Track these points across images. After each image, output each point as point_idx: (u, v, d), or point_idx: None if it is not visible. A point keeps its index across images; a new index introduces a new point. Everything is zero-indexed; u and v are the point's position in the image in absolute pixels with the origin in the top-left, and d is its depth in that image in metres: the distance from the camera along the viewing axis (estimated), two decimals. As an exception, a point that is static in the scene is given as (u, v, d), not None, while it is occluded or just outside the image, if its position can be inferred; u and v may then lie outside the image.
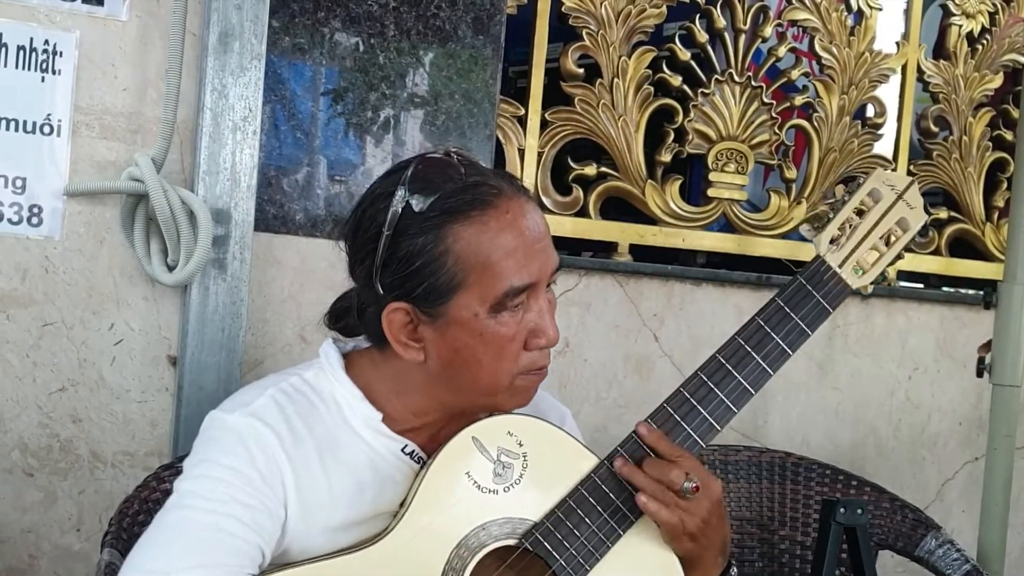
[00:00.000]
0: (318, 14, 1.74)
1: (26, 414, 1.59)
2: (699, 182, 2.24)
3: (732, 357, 1.09)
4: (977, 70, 2.45)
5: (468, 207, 1.02)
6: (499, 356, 1.03)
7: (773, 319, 1.10)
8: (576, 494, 1.04)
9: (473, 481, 1.03)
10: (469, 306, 1.02)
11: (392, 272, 1.03)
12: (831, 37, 2.28)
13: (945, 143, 2.44)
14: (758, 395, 2.27)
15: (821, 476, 1.85)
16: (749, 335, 1.10)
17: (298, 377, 1.09)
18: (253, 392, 1.07)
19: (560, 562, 1.03)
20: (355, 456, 1.06)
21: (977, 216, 2.47)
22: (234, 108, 1.61)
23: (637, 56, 2.09)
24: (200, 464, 1.03)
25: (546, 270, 1.05)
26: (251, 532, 1.00)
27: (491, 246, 1.01)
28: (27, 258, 1.57)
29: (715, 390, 1.08)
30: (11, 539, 1.59)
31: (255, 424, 1.03)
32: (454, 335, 1.03)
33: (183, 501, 1.02)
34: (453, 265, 1.01)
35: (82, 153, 1.58)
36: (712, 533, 1.06)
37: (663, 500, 1.03)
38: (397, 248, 1.02)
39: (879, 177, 1.13)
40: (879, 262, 1.13)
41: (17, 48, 1.54)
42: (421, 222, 1.02)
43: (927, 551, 1.75)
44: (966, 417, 2.39)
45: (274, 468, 1.02)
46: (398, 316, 1.04)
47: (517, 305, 1.03)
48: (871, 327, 2.29)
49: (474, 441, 1.03)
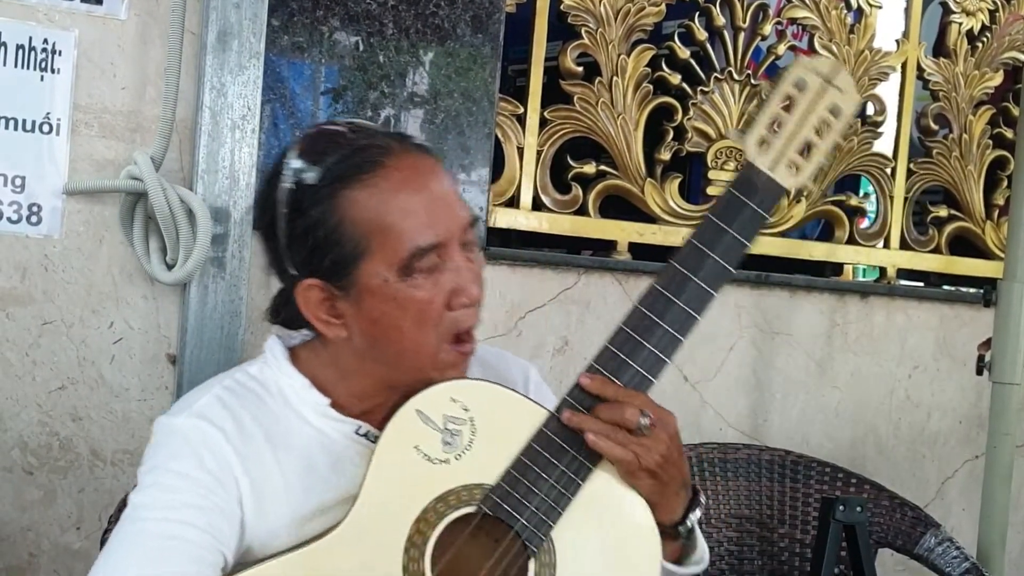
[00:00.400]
0: (317, 12, 1.74)
1: (26, 412, 1.59)
2: (699, 180, 2.24)
3: (671, 284, 1.03)
4: (977, 68, 2.45)
5: (357, 171, 0.99)
6: (420, 320, 1.00)
7: (707, 237, 1.03)
8: (530, 451, 1.01)
9: (423, 454, 1.00)
10: (378, 272, 0.99)
11: (297, 250, 1.01)
12: (831, 35, 2.28)
13: (945, 141, 2.43)
14: (759, 393, 2.28)
15: (820, 474, 1.85)
16: (686, 259, 1.03)
17: (243, 373, 1.07)
18: (198, 393, 1.06)
19: (522, 521, 1.00)
20: (307, 444, 1.04)
21: (977, 214, 2.47)
22: (233, 107, 1.61)
23: (636, 54, 2.09)
24: (150, 473, 1.01)
25: (454, 227, 1.01)
26: (207, 536, 0.98)
27: (386, 207, 0.98)
28: (26, 257, 1.57)
29: (658, 321, 1.02)
30: (11, 537, 1.59)
31: (201, 424, 1.01)
32: (369, 305, 1.00)
33: (136, 514, 1.00)
34: (352, 233, 0.98)
35: (81, 152, 1.58)
36: (672, 467, 1.03)
37: (614, 439, 1.00)
38: (295, 225, 1.00)
39: (802, 65, 1.04)
40: (814, 156, 1.04)
41: (16, 47, 1.54)
42: (313, 194, 0.99)
43: (926, 549, 1.75)
44: (966, 415, 2.39)
45: (224, 466, 1.00)
46: (313, 293, 1.02)
47: (430, 267, 0.99)
48: (871, 325, 2.29)
49: (418, 413, 1.00)
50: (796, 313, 2.22)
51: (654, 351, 1.03)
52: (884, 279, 2.39)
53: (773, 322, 2.20)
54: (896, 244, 2.38)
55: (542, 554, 1.01)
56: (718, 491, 1.80)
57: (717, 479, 1.81)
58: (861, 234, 2.36)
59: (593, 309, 2.03)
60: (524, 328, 1.97)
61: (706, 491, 1.79)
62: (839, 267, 2.41)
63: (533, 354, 1.98)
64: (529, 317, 1.98)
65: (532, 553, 1.01)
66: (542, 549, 1.01)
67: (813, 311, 2.24)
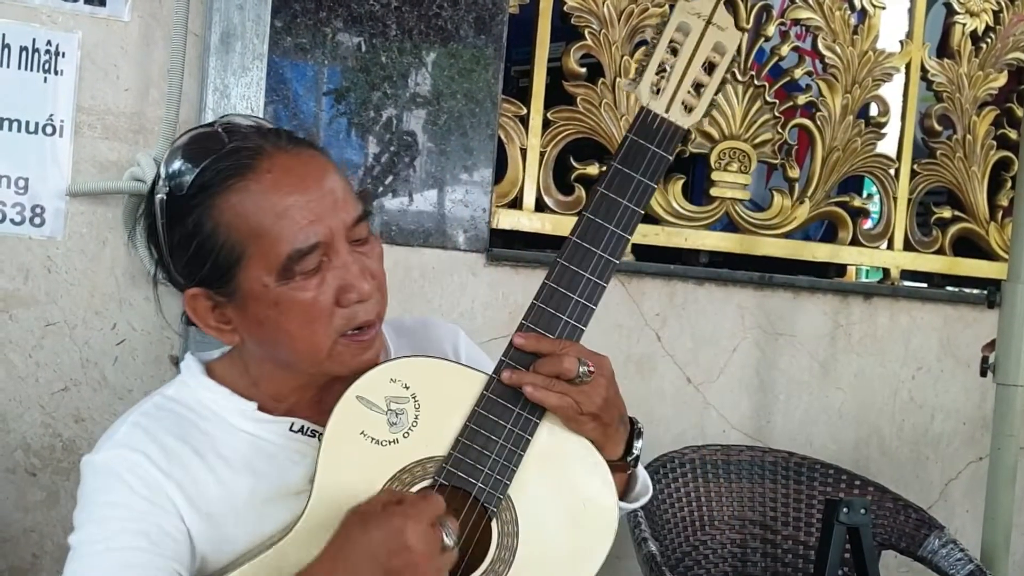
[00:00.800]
0: (320, 14, 1.74)
1: (29, 414, 1.59)
2: (702, 181, 2.24)
3: (587, 234, 1.05)
4: (981, 69, 2.44)
5: (226, 175, 0.97)
6: (307, 321, 0.98)
7: (615, 184, 1.06)
8: (475, 416, 1.02)
9: (371, 439, 1.01)
10: (257, 277, 0.97)
11: (177, 259, 1.00)
12: (834, 36, 2.27)
13: (949, 142, 2.43)
14: (762, 394, 2.27)
15: (824, 476, 1.85)
16: (597, 207, 1.06)
17: (160, 396, 1.07)
18: (116, 426, 1.05)
19: (478, 485, 1.01)
20: (241, 451, 1.03)
21: (981, 215, 2.46)
22: (236, 108, 1.61)
23: (639, 55, 2.08)
24: (83, 511, 1.00)
25: (336, 225, 0.98)
26: (155, 556, 0.97)
27: (259, 211, 0.96)
28: (30, 258, 1.57)
29: (578, 271, 1.05)
30: (14, 538, 1.59)
31: (122, 453, 1.00)
32: (253, 310, 0.99)
33: (77, 552, 0.98)
34: (227, 239, 0.97)
35: (84, 153, 1.58)
36: (611, 408, 1.05)
37: (555, 389, 1.02)
38: (173, 234, 0.99)
39: (683, 8, 1.08)
40: (705, 93, 1.08)
41: (20, 49, 1.54)
42: (185, 203, 0.98)
43: (930, 551, 1.75)
44: (970, 417, 2.38)
45: (155, 488, 0.99)
46: (199, 302, 1.01)
47: (312, 268, 0.98)
48: (874, 327, 2.29)
49: (359, 400, 1.01)
50: (799, 314, 2.22)
51: (580, 300, 1.05)
52: (888, 280, 2.39)
53: (776, 323, 2.20)
54: (900, 245, 2.38)
55: (502, 512, 1.03)
56: (721, 493, 1.80)
57: (720, 481, 1.81)
58: (865, 235, 2.36)
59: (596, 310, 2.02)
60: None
61: (709, 493, 1.79)
62: (842, 268, 2.41)
63: (536, 355, 1.97)
64: (532, 318, 1.97)
65: (492, 514, 1.02)
66: (501, 508, 1.03)
67: (816, 312, 2.23)
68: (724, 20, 1.09)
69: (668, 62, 1.08)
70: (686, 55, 1.08)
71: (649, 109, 1.08)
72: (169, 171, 0.99)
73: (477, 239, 1.90)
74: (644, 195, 1.07)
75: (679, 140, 1.09)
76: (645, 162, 1.07)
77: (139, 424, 1.03)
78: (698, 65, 1.08)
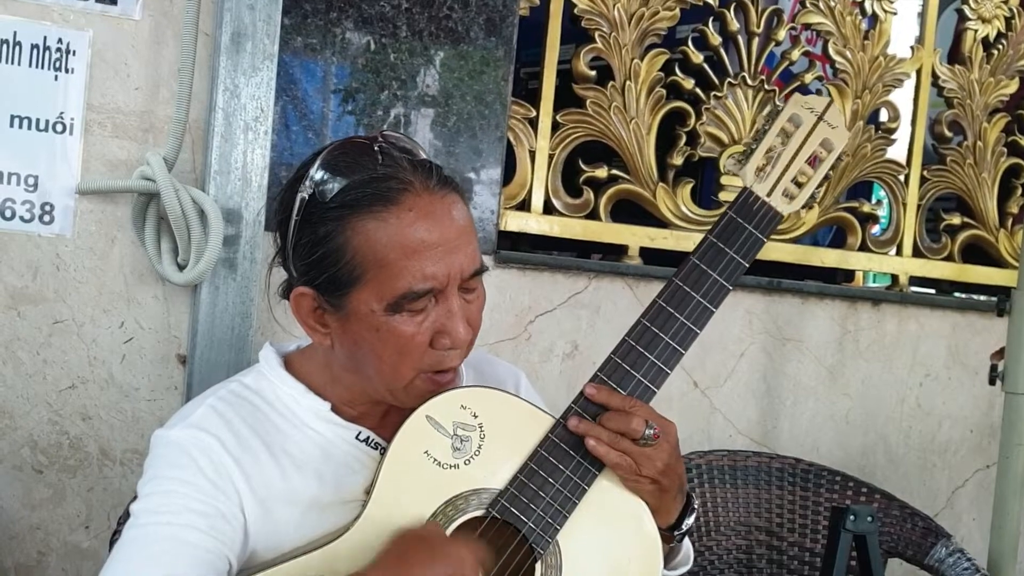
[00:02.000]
0: (330, 14, 1.74)
1: (36, 411, 1.59)
2: (711, 185, 2.23)
3: (672, 299, 1.09)
4: (992, 75, 2.43)
5: (370, 201, 1.00)
6: (400, 353, 1.02)
7: (708, 256, 1.10)
8: (536, 456, 1.05)
9: (433, 459, 1.03)
10: (367, 301, 1.01)
11: (299, 257, 1.03)
12: (845, 41, 2.27)
13: (959, 148, 2.42)
14: (769, 400, 2.26)
15: (831, 483, 1.84)
16: (686, 276, 1.10)
17: (238, 383, 1.10)
18: (192, 405, 1.08)
19: (529, 524, 1.03)
20: (308, 449, 1.06)
21: (991, 222, 2.45)
22: (246, 108, 1.61)
23: (649, 58, 2.08)
24: (150, 482, 1.03)
25: (455, 273, 1.01)
26: (210, 539, 0.99)
27: (390, 244, 0.99)
28: (38, 256, 1.57)
29: (659, 334, 1.08)
30: (20, 536, 1.59)
31: (197, 434, 1.03)
32: (354, 327, 1.02)
33: (138, 521, 1.01)
34: (352, 259, 1.00)
35: (94, 152, 1.58)
36: (672, 475, 1.07)
37: (619, 447, 1.03)
38: (303, 234, 1.02)
39: (797, 101, 1.14)
40: (807, 185, 1.13)
41: (31, 47, 1.54)
42: (324, 211, 1.01)
43: (937, 560, 1.74)
44: (977, 425, 2.37)
45: (223, 473, 1.02)
46: (305, 301, 1.05)
47: (420, 308, 1.01)
48: (882, 333, 2.28)
49: (428, 420, 1.03)
50: (807, 320, 2.21)
51: (656, 362, 1.08)
52: (896, 286, 2.38)
53: (784, 328, 2.19)
54: (908, 251, 2.37)
55: (548, 556, 1.04)
56: (727, 499, 1.80)
57: (727, 487, 1.80)
58: (873, 241, 2.35)
59: (603, 314, 2.02)
60: (533, 332, 1.97)
61: (715, 499, 1.78)
62: (851, 274, 2.40)
63: (542, 358, 1.97)
64: (539, 321, 1.97)
65: (539, 556, 1.03)
66: (548, 551, 1.04)
67: (824, 317, 2.23)
68: (836, 119, 1.14)
69: (775, 150, 1.13)
70: (794, 146, 1.13)
71: (752, 191, 1.12)
72: (317, 174, 1.02)
73: (485, 241, 1.89)
74: (735, 271, 1.10)
75: (776, 225, 1.12)
76: (740, 240, 1.11)
77: (216, 408, 1.06)
78: (804, 158, 1.13)
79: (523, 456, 1.04)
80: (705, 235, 1.11)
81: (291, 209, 1.03)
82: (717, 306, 1.09)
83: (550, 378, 1.96)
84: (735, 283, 1.10)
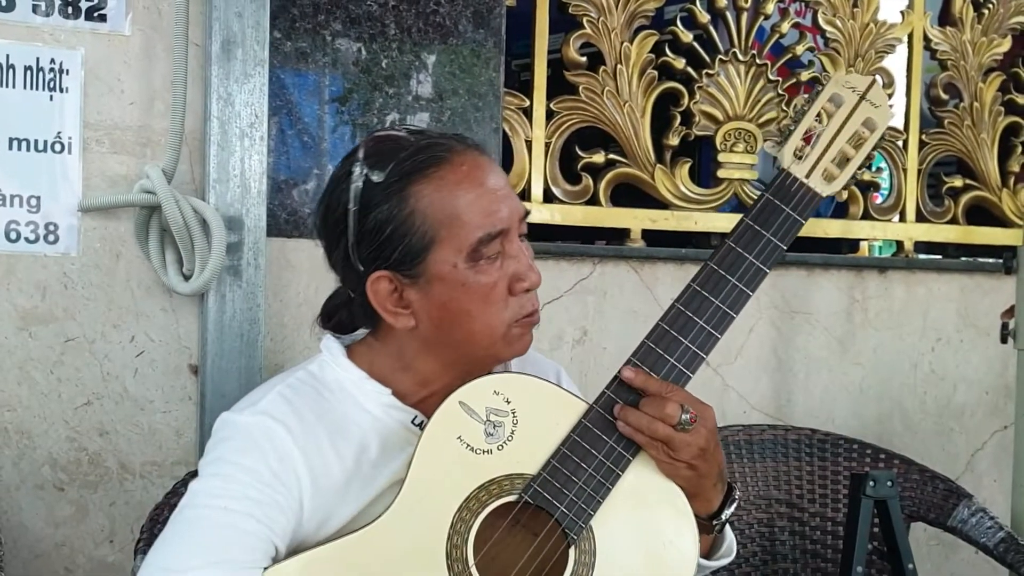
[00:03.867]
0: (318, 17, 1.74)
1: (53, 430, 1.60)
2: (708, 164, 2.23)
3: (707, 283, 1.07)
4: (985, 35, 2.42)
5: (424, 166, 1.05)
6: (486, 303, 1.05)
7: (744, 239, 1.08)
8: (569, 441, 1.04)
9: (466, 444, 1.03)
10: (447, 260, 1.04)
11: (366, 245, 1.06)
12: (834, 10, 2.26)
13: (956, 110, 2.41)
14: (781, 374, 2.26)
15: (848, 451, 1.84)
16: (722, 259, 1.08)
17: (303, 371, 1.11)
18: (261, 391, 1.09)
19: (562, 509, 1.02)
20: (366, 434, 1.08)
21: (993, 182, 2.44)
22: (240, 115, 1.62)
23: (639, 41, 2.08)
24: (212, 464, 1.05)
25: (514, 216, 1.07)
26: (263, 528, 1.01)
27: (454, 199, 1.04)
28: (46, 275, 1.59)
29: (694, 318, 1.06)
30: (46, 553, 1.61)
31: (265, 421, 1.04)
32: (438, 291, 1.05)
33: (196, 500, 1.03)
34: (422, 223, 1.04)
35: (94, 169, 1.59)
36: (709, 460, 1.06)
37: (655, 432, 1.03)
38: (366, 221, 1.05)
39: (838, 81, 1.10)
40: (849, 166, 1.10)
41: (24, 68, 1.55)
42: (383, 190, 1.05)
43: (960, 520, 1.73)
44: (992, 386, 2.36)
45: (287, 464, 1.03)
46: (382, 285, 1.07)
47: (494, 254, 1.05)
48: (891, 300, 2.28)
49: (461, 406, 1.04)
50: (814, 291, 2.21)
51: (691, 347, 1.07)
52: (902, 253, 2.37)
53: (791, 301, 2.19)
54: (912, 217, 2.36)
55: (582, 542, 1.03)
56: (745, 473, 1.80)
57: (744, 461, 1.80)
58: (876, 209, 2.34)
59: (610, 298, 2.02)
60: (542, 320, 1.96)
61: (732, 474, 1.78)
62: (855, 244, 2.40)
63: (552, 346, 1.98)
64: (546, 309, 1.98)
65: (572, 541, 1.03)
66: (582, 537, 1.03)
67: (831, 288, 2.22)
68: (879, 98, 1.11)
69: (815, 130, 1.10)
70: (835, 126, 1.10)
71: (789, 172, 1.09)
72: (363, 165, 1.06)
73: (487, 233, 1.89)
74: (772, 254, 1.08)
75: (815, 207, 1.09)
76: (778, 223, 1.08)
77: (284, 396, 1.07)
78: (845, 138, 1.10)
79: (556, 441, 1.04)
80: (741, 218, 1.09)
81: (345, 204, 1.06)
82: (754, 290, 1.07)
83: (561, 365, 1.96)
84: (772, 267, 1.07)
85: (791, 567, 1.80)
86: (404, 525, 1.01)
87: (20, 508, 1.59)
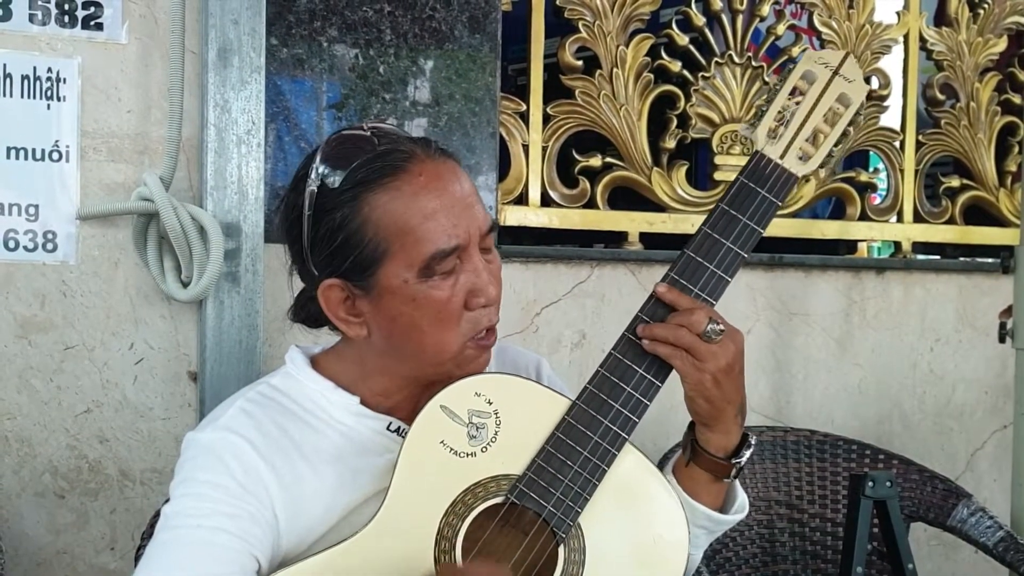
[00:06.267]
0: (314, 23, 1.75)
1: (54, 437, 1.61)
2: (705, 166, 2.23)
3: (685, 271, 1.05)
4: (980, 35, 2.43)
5: (379, 175, 1.01)
6: (438, 319, 1.02)
7: (720, 224, 1.06)
8: (553, 439, 1.03)
9: (449, 448, 1.02)
10: (398, 274, 1.01)
11: (319, 251, 1.03)
12: (830, 11, 2.27)
13: (953, 111, 2.41)
14: (779, 375, 2.26)
15: (847, 452, 1.84)
16: (699, 246, 1.06)
17: (265, 384, 1.10)
18: (222, 408, 1.08)
19: (549, 508, 1.02)
20: (339, 444, 1.06)
21: (990, 182, 2.44)
22: (237, 122, 1.62)
23: (635, 44, 2.09)
24: (180, 485, 1.04)
25: (473, 230, 1.03)
26: (239, 540, 1.00)
27: (408, 211, 1.00)
28: (45, 284, 1.59)
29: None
30: (47, 561, 1.61)
31: (227, 436, 1.03)
32: (388, 304, 1.03)
33: (168, 523, 1.02)
34: (374, 235, 1.01)
35: (91, 177, 1.60)
36: (732, 384, 1.04)
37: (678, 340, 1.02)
38: (319, 226, 1.02)
39: (810, 57, 1.07)
40: (823, 144, 1.07)
41: (21, 78, 1.56)
42: (337, 196, 1.01)
43: (959, 520, 1.74)
44: (991, 385, 2.36)
45: (253, 475, 1.02)
46: (333, 293, 1.04)
47: (449, 269, 1.02)
48: (889, 301, 2.28)
49: (443, 409, 1.03)
50: (812, 293, 2.21)
51: None
52: (900, 253, 2.37)
53: (789, 303, 2.19)
54: (909, 217, 2.36)
55: (571, 539, 1.03)
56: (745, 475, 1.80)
57: (743, 463, 1.80)
58: (873, 210, 2.34)
59: (608, 301, 2.03)
60: (541, 324, 1.98)
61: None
62: (853, 245, 2.40)
63: (551, 349, 1.98)
64: (545, 313, 1.98)
65: (560, 539, 1.02)
66: (571, 535, 1.03)
67: (829, 289, 2.22)
68: (852, 72, 1.08)
69: (788, 109, 1.07)
70: (808, 104, 1.07)
71: (763, 154, 1.07)
72: (321, 168, 1.03)
73: (485, 237, 1.90)
74: (749, 239, 1.06)
75: (791, 187, 1.07)
76: (754, 206, 1.06)
77: (245, 410, 1.06)
78: (820, 115, 1.07)
79: (540, 440, 1.03)
80: (716, 203, 1.07)
81: (300, 207, 1.03)
82: (732, 275, 1.06)
83: (560, 368, 1.96)
84: (750, 252, 1.06)
85: (791, 568, 1.80)
86: (391, 533, 1.00)
87: (21, 516, 1.59)
